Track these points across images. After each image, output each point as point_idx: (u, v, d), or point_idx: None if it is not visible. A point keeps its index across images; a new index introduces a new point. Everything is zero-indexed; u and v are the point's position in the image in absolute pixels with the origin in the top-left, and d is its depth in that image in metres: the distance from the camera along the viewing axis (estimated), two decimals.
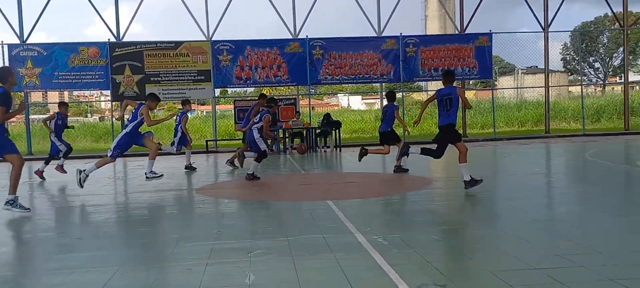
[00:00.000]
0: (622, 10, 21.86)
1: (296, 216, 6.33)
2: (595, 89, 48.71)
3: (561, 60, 54.86)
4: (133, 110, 8.69)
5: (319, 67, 20.27)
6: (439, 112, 7.99)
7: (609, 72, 53.69)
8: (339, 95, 59.12)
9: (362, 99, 63.77)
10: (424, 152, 8.17)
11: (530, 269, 3.75)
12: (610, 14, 24.32)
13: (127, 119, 8.77)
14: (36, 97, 32.38)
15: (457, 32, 21.80)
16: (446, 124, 7.87)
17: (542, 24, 21.14)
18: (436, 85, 37.79)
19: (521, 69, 54.54)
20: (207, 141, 20.11)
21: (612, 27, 39.93)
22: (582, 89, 24.41)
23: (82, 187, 8.32)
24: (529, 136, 21.13)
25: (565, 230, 5.19)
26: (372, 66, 20.43)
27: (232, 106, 22.40)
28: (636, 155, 12.78)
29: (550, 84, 23.49)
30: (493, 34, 20.64)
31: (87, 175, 8.32)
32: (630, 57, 35.40)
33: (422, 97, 48.88)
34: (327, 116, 17.96)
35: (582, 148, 14.72)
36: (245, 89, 24.86)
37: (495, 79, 57.41)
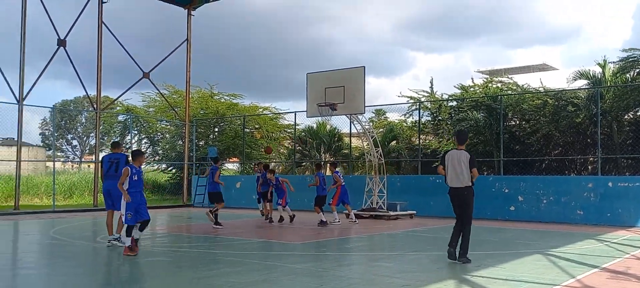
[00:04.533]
0: (96, 94, 23.61)
1: None
2: (72, 166, 49.99)
3: (40, 134, 54.16)
4: None
5: None
6: None
7: (86, 150, 56.40)
8: None
9: None
10: None
11: None
12: (87, 95, 25.83)
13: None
14: None
15: None
16: None
17: (17, 96, 20.51)
18: None
19: None
20: None
21: (89, 109, 42.39)
22: (54, 164, 24.69)
23: None
24: None
25: None
26: None
27: None
28: (101, 231, 13.72)
29: (24, 158, 22.68)
30: None
31: None
32: (105, 138, 38.26)
33: None
34: None
35: (49, 225, 14.77)
36: None
37: None
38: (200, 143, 29.42)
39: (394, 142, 26.28)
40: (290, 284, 6.81)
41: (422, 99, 25.06)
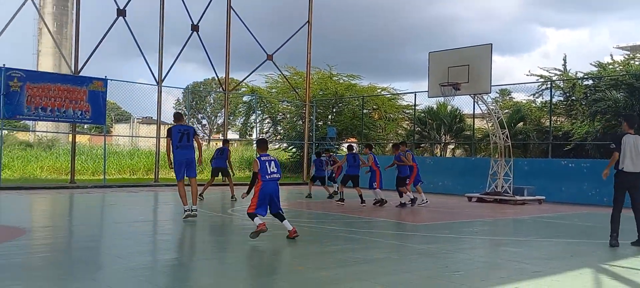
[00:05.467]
0: (225, 76, 24.95)
1: None
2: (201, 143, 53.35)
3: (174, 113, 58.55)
4: None
5: None
6: None
7: (214, 129, 60.00)
8: None
9: None
10: None
11: None
12: (216, 77, 27.29)
13: None
14: None
15: (71, 73, 20.88)
16: None
17: (157, 78, 22.25)
18: (45, 126, 35.03)
19: (137, 118, 55.66)
20: None
21: (217, 90, 44.83)
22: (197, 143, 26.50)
23: None
24: (138, 184, 21.62)
25: (162, 277, 5.56)
26: None
27: None
28: (229, 204, 14.56)
29: (161, 135, 24.55)
30: (108, 80, 20.57)
31: None
32: (231, 118, 40.39)
33: (28, 136, 44.33)
34: None
35: None
36: None
37: (111, 125, 56.89)
38: (320, 123, 30.03)
39: (521, 123, 24.94)
40: (415, 264, 6.75)
41: (554, 78, 23.46)
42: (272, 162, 8.20)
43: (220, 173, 15.82)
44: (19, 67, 18.83)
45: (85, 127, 39.37)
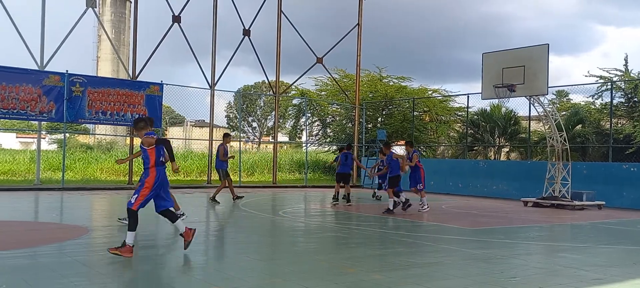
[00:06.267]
0: (275, 79, 25.24)
1: None
2: (252, 146, 54.24)
3: (225, 116, 59.67)
4: None
5: None
6: None
7: (264, 131, 60.79)
8: None
9: (17, 137, 57.01)
10: None
11: None
12: (266, 81, 27.66)
13: None
14: None
15: (129, 78, 21.63)
16: None
17: (210, 82, 22.75)
18: (104, 129, 36.47)
19: (190, 122, 57.06)
20: None
21: (268, 93, 45.37)
22: (240, 144, 26.94)
23: None
24: (191, 186, 22.17)
25: (216, 275, 5.68)
26: (30, 102, 18.46)
27: None
28: (280, 206, 14.74)
29: (214, 137, 25.13)
30: (164, 85, 21.18)
31: None
32: (281, 120, 40.80)
33: (88, 140, 46.27)
34: None
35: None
36: None
37: (166, 128, 58.60)
38: (369, 126, 29.90)
39: (580, 126, 24.07)
40: (469, 269, 6.62)
41: (615, 79, 22.54)
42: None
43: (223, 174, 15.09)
44: (80, 73, 19.68)
45: None
